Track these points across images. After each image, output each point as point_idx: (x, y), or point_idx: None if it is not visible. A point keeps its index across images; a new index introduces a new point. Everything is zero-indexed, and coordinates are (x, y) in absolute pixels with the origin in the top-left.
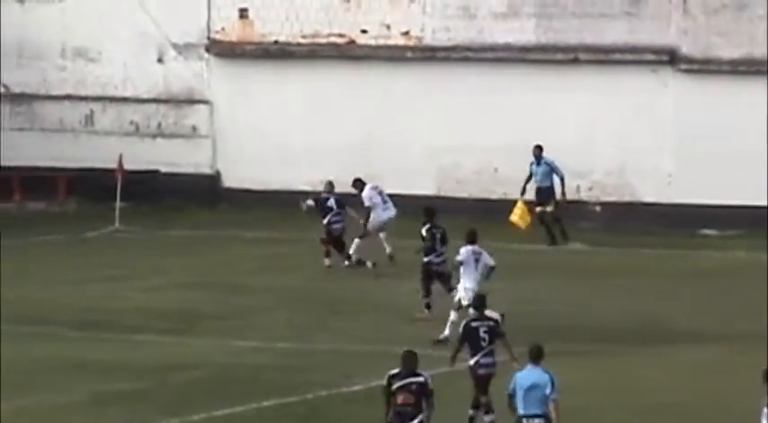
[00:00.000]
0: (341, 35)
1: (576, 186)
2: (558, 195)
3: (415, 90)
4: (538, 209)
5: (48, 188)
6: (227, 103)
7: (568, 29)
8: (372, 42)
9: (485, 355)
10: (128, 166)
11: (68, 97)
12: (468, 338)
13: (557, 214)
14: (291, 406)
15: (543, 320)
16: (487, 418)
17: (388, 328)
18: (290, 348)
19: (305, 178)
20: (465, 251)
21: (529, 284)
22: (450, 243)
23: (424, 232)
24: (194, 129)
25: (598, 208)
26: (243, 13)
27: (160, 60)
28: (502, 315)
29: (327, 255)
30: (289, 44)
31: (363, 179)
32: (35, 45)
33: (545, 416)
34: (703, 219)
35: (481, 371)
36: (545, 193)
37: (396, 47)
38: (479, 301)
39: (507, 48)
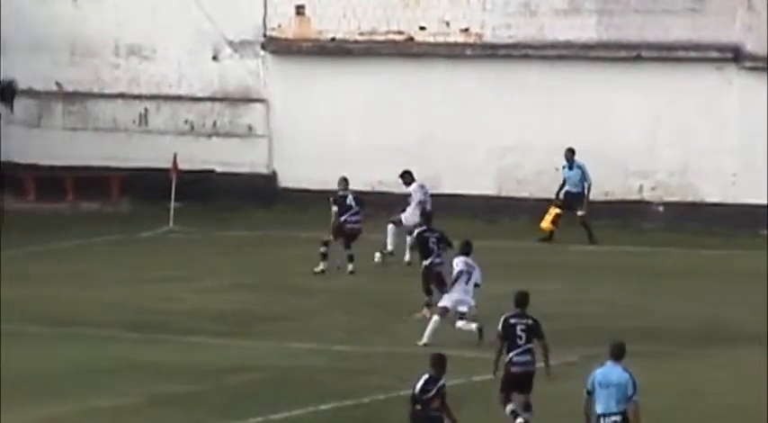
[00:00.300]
0: (399, 32)
1: (638, 186)
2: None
3: (474, 88)
4: (559, 211)
5: (101, 188)
6: (283, 102)
7: (631, 26)
8: (431, 40)
9: (519, 354)
10: (182, 165)
11: (122, 96)
12: (506, 335)
13: (585, 218)
14: (349, 410)
15: (605, 322)
16: (524, 416)
17: (446, 330)
18: (348, 351)
19: (363, 178)
20: (461, 262)
21: (590, 285)
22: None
23: (413, 236)
24: (250, 128)
25: (661, 208)
26: (299, 10)
27: (215, 58)
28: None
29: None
30: (346, 41)
31: (413, 174)
32: (88, 43)
33: (623, 414)
34: None
35: (514, 369)
36: (576, 198)
37: (455, 44)
38: (522, 299)
39: (568, 45)
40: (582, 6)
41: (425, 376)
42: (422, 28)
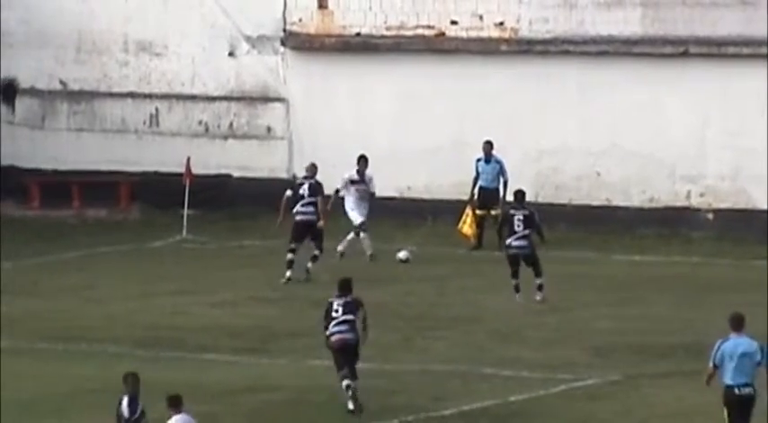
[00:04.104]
0: (429, 27)
1: (686, 192)
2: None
3: (509, 87)
4: (479, 212)
5: (109, 194)
6: (304, 102)
7: (678, 19)
8: (463, 34)
9: (336, 324)
10: (196, 170)
11: (131, 95)
12: (325, 313)
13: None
14: None
15: (650, 338)
16: (345, 382)
17: (479, 347)
18: (374, 369)
19: (390, 183)
20: None
21: (635, 299)
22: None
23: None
24: (269, 129)
25: (710, 215)
26: (322, 3)
27: (232, 54)
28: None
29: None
30: (372, 37)
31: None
32: (95, 38)
33: (753, 385)
34: None
35: (334, 338)
36: (492, 196)
37: (489, 39)
38: (344, 284)
39: (611, 40)
40: None
41: (126, 397)
42: (453, 22)
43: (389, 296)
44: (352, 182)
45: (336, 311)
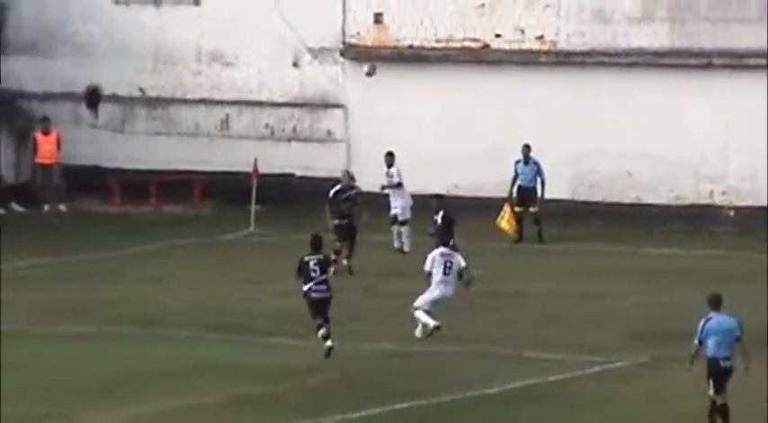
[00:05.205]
0: (475, 40)
1: (709, 191)
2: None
3: (548, 95)
4: (518, 209)
5: (184, 192)
6: (361, 108)
7: (702, 33)
8: (506, 47)
9: (317, 284)
10: (263, 169)
11: (204, 101)
12: (303, 271)
13: (539, 215)
14: (425, 409)
15: (676, 324)
16: (328, 343)
17: (523, 330)
18: (423, 351)
19: (438, 183)
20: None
21: (662, 288)
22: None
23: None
24: (329, 133)
25: (732, 213)
26: (378, 18)
27: (295, 64)
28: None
29: (337, 253)
30: (423, 49)
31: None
32: (171, 49)
33: (732, 358)
34: None
35: (314, 295)
36: (530, 194)
37: (530, 51)
38: (315, 241)
39: (641, 52)
40: (654, 14)
41: None
42: (497, 35)
43: None
44: (386, 174)
45: (315, 272)
